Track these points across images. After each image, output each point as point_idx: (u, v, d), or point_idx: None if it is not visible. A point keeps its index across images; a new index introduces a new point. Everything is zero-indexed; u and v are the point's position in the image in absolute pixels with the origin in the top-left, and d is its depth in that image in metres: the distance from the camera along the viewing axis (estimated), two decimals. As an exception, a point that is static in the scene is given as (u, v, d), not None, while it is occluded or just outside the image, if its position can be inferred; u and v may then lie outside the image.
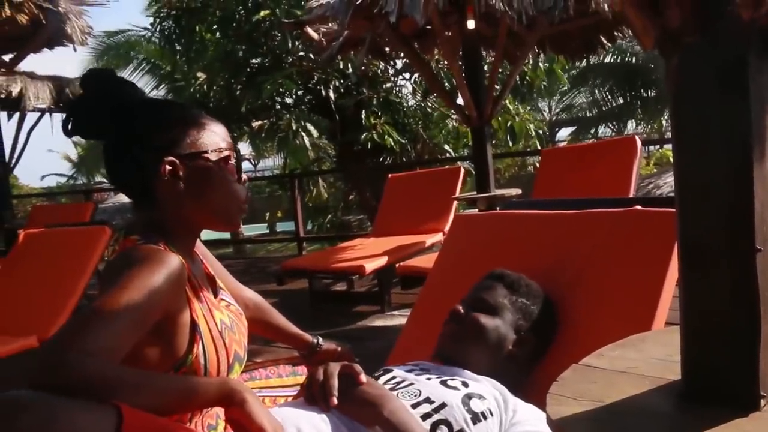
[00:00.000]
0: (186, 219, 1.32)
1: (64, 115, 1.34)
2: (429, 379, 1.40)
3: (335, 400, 1.24)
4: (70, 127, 1.31)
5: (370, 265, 4.42)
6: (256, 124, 8.99)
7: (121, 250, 1.26)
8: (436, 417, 1.29)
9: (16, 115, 7.82)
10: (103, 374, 1.01)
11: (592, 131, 18.77)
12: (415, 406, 1.30)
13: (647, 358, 1.13)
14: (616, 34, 5.59)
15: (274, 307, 1.79)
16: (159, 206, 1.30)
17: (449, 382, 1.37)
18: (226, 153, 1.34)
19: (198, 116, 1.34)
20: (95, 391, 0.98)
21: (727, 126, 0.84)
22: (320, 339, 1.77)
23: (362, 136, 8.25)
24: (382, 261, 4.52)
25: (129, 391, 1.02)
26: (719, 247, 0.88)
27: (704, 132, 0.86)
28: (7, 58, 7.59)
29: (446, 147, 9.71)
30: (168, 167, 1.27)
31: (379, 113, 8.86)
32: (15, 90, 6.71)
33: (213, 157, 1.32)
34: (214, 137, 1.33)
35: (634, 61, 17.88)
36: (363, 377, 1.28)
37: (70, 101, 1.33)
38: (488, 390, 1.38)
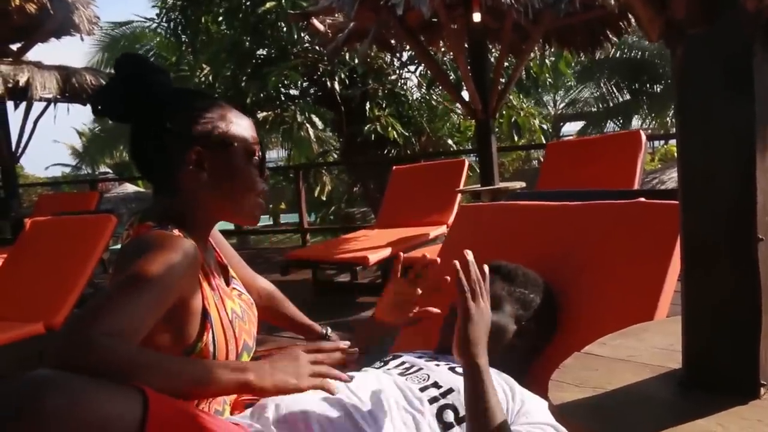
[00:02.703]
0: (205, 209, 1.34)
1: (95, 95, 1.36)
2: (438, 365, 1.42)
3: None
4: (99, 107, 1.33)
5: (374, 257, 4.44)
6: (260, 115, 8.99)
7: (136, 235, 1.27)
8: (443, 401, 1.30)
9: (23, 105, 7.82)
10: (128, 356, 1.01)
11: (599, 127, 18.70)
12: (422, 389, 1.32)
13: (649, 347, 1.14)
14: (622, 28, 5.58)
15: None
16: (179, 194, 1.32)
17: (458, 369, 1.38)
18: (252, 147, 1.36)
19: (227, 109, 1.36)
20: (119, 372, 0.98)
21: (731, 117, 0.85)
22: (329, 330, 1.78)
23: (366, 128, 8.25)
24: (386, 252, 4.54)
25: (151, 373, 1.02)
26: (721, 236, 0.89)
27: (708, 122, 0.87)
28: (14, 47, 7.60)
29: (449, 141, 9.71)
30: (194, 157, 1.29)
31: (384, 105, 8.86)
32: (22, 79, 6.71)
33: (239, 150, 1.34)
34: (241, 131, 1.35)
35: (640, 56, 17.81)
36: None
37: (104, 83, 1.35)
38: (496, 380, 1.39)
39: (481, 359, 1.25)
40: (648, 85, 17.89)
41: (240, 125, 1.36)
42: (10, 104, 7.81)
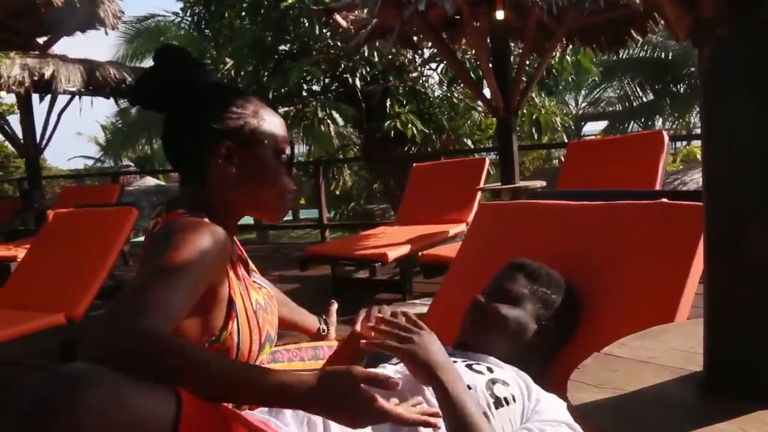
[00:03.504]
0: (231, 203, 1.35)
1: (134, 83, 1.38)
2: (455, 362, 1.42)
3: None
4: (137, 95, 1.35)
5: (393, 253, 4.44)
6: (282, 110, 9.02)
7: (165, 222, 1.28)
8: None
9: (47, 98, 7.91)
10: (179, 350, 1.00)
11: (623, 127, 18.52)
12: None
13: (669, 349, 1.13)
14: (647, 27, 5.52)
15: (296, 292, 1.81)
16: (207, 186, 1.33)
17: (474, 366, 1.38)
18: (282, 146, 1.37)
19: (260, 106, 1.37)
20: (170, 366, 0.98)
21: (757, 118, 0.84)
22: (324, 324, 1.82)
23: (386, 125, 8.25)
24: (405, 249, 4.54)
25: (202, 370, 1.00)
26: (745, 239, 0.88)
27: (733, 123, 0.86)
28: (41, 40, 7.69)
29: (467, 141, 9.67)
30: (224, 151, 1.31)
31: (405, 102, 8.85)
32: (47, 72, 6.79)
33: (269, 147, 1.35)
34: (272, 129, 1.37)
35: (664, 55, 17.63)
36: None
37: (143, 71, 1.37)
38: (512, 377, 1.39)
39: (449, 375, 1.24)
40: (672, 85, 17.71)
41: (272, 123, 1.37)
42: (35, 97, 7.90)
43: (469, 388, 1.31)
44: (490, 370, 1.40)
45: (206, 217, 1.29)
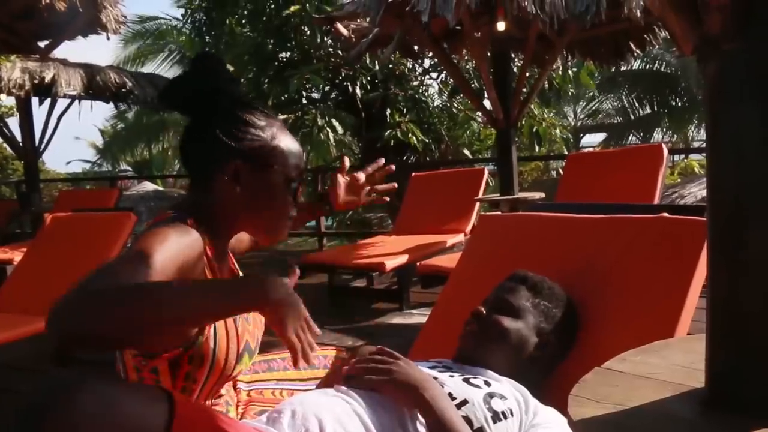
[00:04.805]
0: (231, 219, 1.36)
1: (167, 83, 1.40)
2: (452, 376, 1.41)
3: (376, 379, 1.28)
4: (167, 95, 1.37)
5: (391, 263, 4.43)
6: (281, 118, 9.00)
7: (154, 221, 1.29)
8: None
9: (47, 101, 7.91)
10: (118, 285, 1.01)
11: (622, 140, 18.54)
12: None
13: (670, 364, 1.13)
14: (646, 40, 5.54)
15: None
16: (211, 197, 1.34)
17: (472, 380, 1.38)
18: (292, 174, 1.38)
19: (280, 131, 1.38)
20: (116, 305, 0.98)
21: (765, 131, 0.84)
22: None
23: (386, 134, 8.25)
24: (403, 259, 4.53)
25: (152, 294, 1.02)
26: (751, 257, 0.88)
27: (741, 140, 0.86)
28: (42, 44, 7.69)
29: (465, 151, 9.68)
30: (232, 169, 1.31)
31: (405, 111, 8.86)
32: (48, 76, 6.78)
33: (278, 174, 1.35)
34: (286, 156, 1.37)
35: (663, 68, 17.69)
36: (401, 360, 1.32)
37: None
38: (509, 391, 1.38)
39: (432, 391, 1.25)
40: (670, 99, 17.75)
41: (287, 150, 1.37)
42: (35, 100, 7.89)
43: (467, 402, 1.30)
44: (487, 383, 1.39)
45: (192, 219, 1.29)
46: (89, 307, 0.97)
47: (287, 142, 1.38)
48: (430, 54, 6.52)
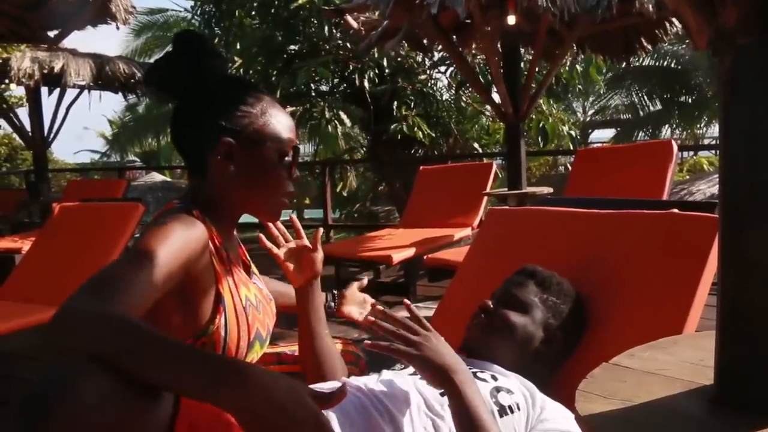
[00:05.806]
0: (229, 200, 1.35)
1: (150, 67, 1.37)
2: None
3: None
4: (152, 79, 1.34)
5: (398, 256, 4.42)
6: (289, 110, 9.01)
7: (160, 213, 1.29)
8: None
9: (56, 92, 7.92)
10: (104, 314, 0.95)
11: (631, 136, 18.45)
12: (443, 393, 1.31)
13: (679, 361, 1.12)
14: (657, 36, 5.50)
15: None
16: (208, 181, 1.33)
17: (479, 374, 1.37)
18: (285, 149, 1.35)
19: (270, 105, 1.35)
20: (97, 333, 0.92)
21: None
22: (330, 298, 1.80)
23: (392, 127, 8.24)
24: (410, 252, 4.52)
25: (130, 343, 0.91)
26: (762, 249, 0.87)
27: (756, 136, 0.85)
28: (52, 34, 7.70)
29: (475, 145, 9.66)
30: (224, 148, 1.29)
31: (413, 105, 8.84)
32: (57, 66, 6.78)
33: (271, 149, 1.33)
34: (278, 130, 1.35)
35: (673, 64, 17.59)
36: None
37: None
38: (516, 385, 1.38)
39: (462, 375, 1.19)
40: (680, 95, 17.66)
41: (278, 124, 1.35)
42: (44, 90, 7.91)
43: None
44: (494, 378, 1.38)
45: (199, 210, 1.28)
46: (81, 328, 0.93)
47: (278, 117, 1.35)
48: (439, 47, 6.49)
